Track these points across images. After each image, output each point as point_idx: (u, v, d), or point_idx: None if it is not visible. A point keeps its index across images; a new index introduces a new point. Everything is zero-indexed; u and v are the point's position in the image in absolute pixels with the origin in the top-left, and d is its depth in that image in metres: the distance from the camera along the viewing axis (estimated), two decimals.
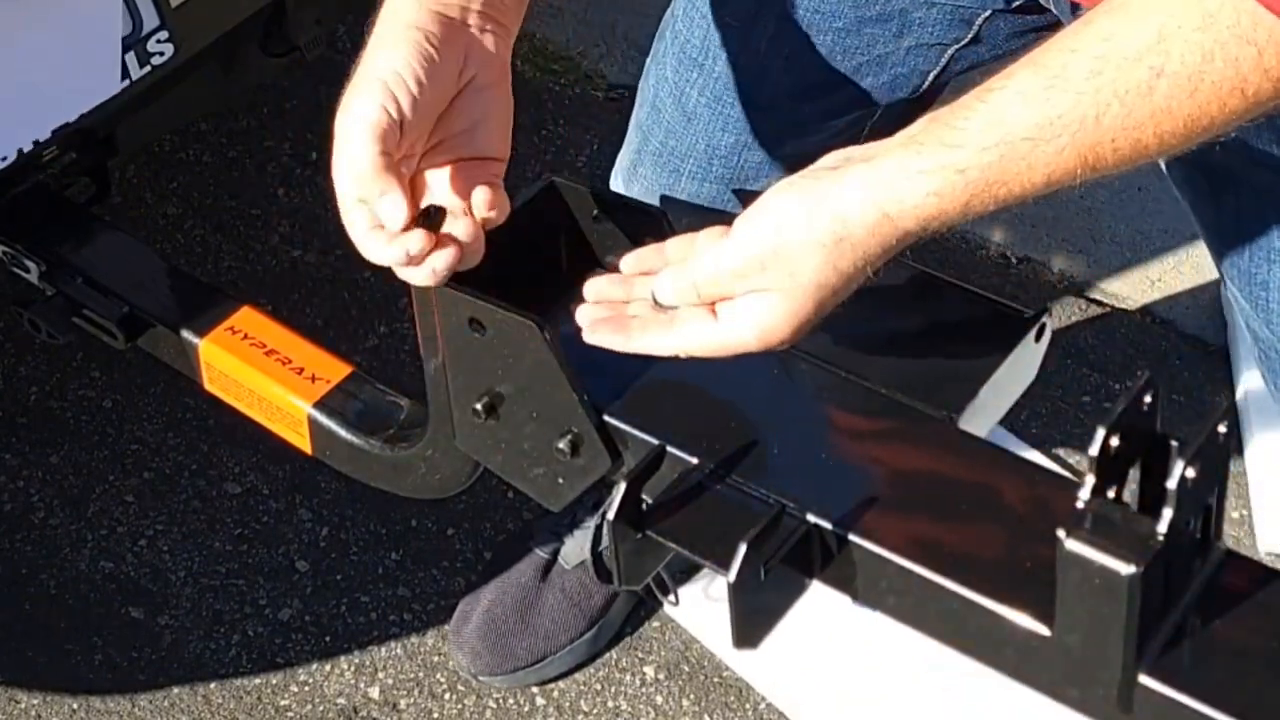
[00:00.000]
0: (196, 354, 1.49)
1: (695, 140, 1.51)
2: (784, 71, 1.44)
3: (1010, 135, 0.97)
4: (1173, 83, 0.93)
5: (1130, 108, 0.94)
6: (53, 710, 1.88)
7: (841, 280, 1.02)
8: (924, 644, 1.04)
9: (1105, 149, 0.96)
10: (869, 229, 1.00)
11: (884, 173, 0.99)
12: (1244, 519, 2.09)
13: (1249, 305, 1.38)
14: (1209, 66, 0.93)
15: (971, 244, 2.41)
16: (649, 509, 1.07)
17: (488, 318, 1.15)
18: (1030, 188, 1.00)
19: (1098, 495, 0.92)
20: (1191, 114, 0.94)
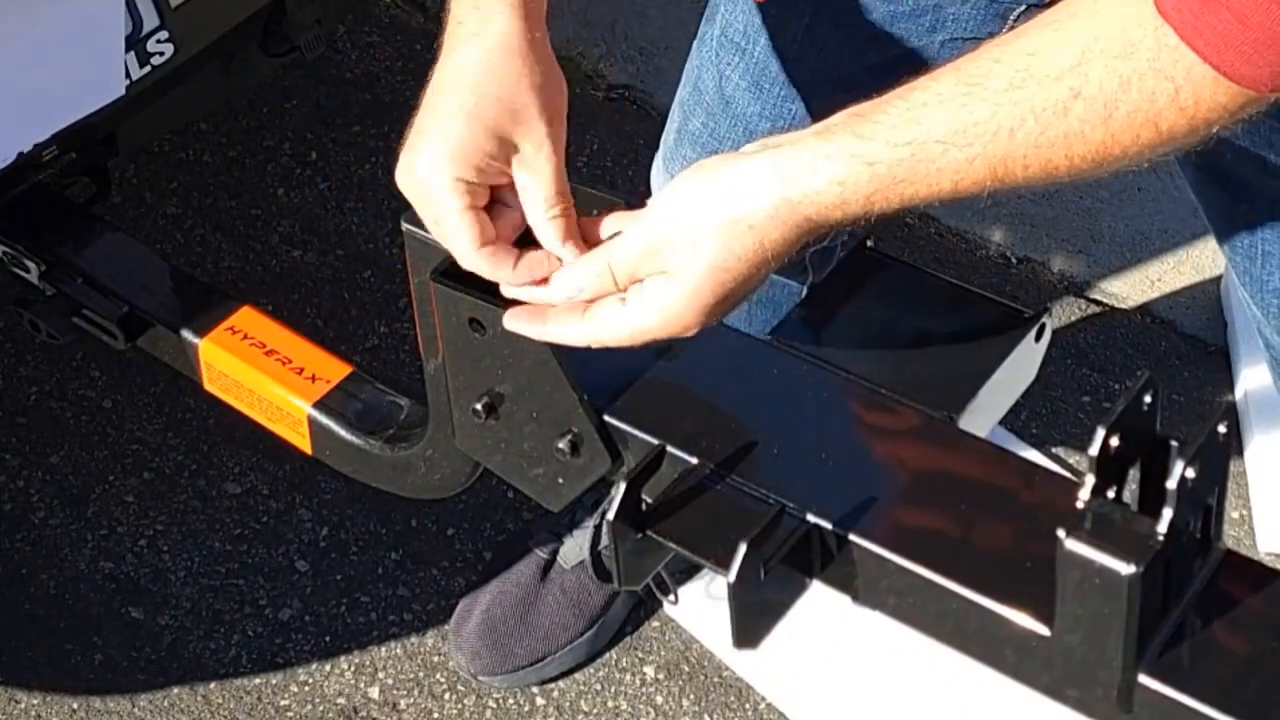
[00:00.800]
0: (196, 354, 1.49)
1: (734, 123, 1.51)
2: (818, 59, 1.44)
3: (924, 136, 0.97)
4: (1088, 106, 0.93)
5: (1044, 126, 0.95)
6: (53, 710, 1.88)
7: (741, 265, 1.01)
8: (924, 644, 1.04)
9: (1015, 164, 0.96)
10: (768, 213, 0.99)
11: (790, 158, 0.99)
12: (1244, 519, 2.09)
13: (1261, 313, 1.39)
14: (1125, 95, 0.93)
15: (971, 244, 2.41)
16: (649, 509, 1.07)
17: (488, 318, 1.15)
18: (936, 191, 0.98)
19: (1098, 495, 0.92)
20: (1104, 140, 0.95)
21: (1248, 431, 2.14)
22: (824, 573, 1.06)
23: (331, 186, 2.37)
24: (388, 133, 2.45)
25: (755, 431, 1.12)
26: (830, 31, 1.42)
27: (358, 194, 2.38)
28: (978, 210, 2.45)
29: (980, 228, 2.43)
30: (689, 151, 1.58)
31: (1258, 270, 1.35)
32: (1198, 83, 0.92)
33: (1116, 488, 0.94)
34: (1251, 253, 1.35)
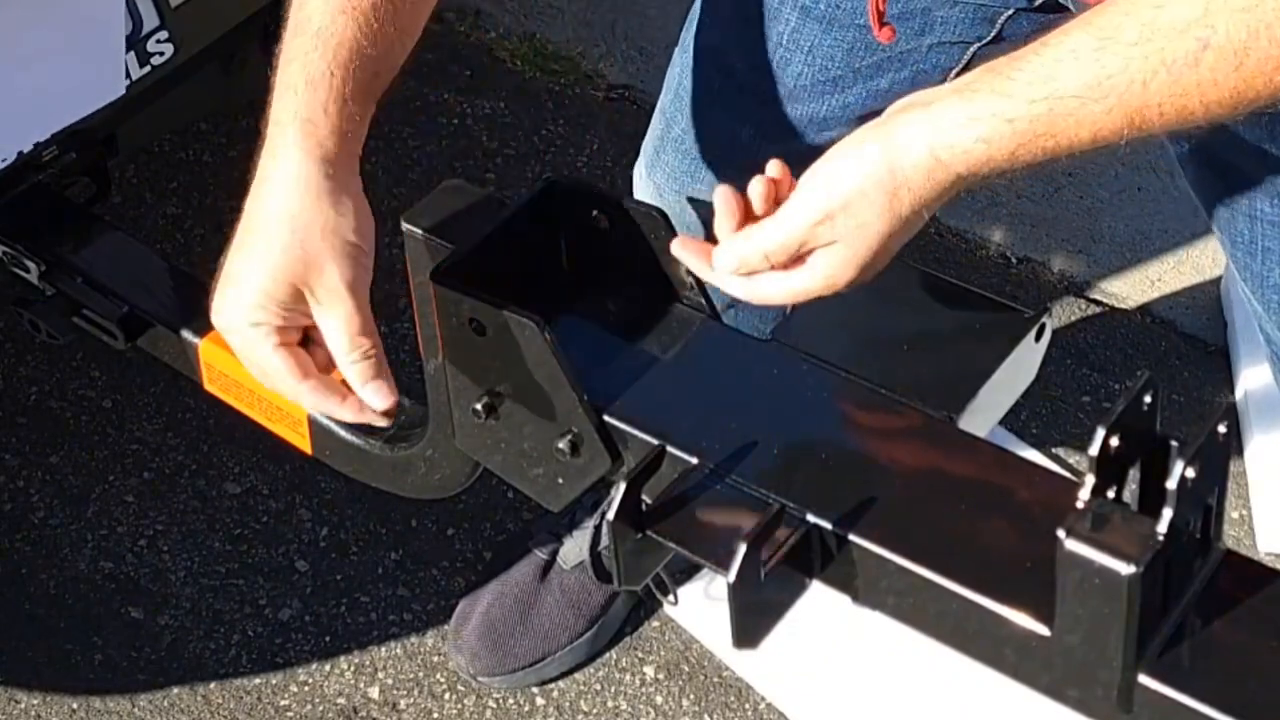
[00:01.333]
0: (196, 354, 1.49)
1: (716, 130, 1.51)
2: (804, 65, 1.44)
3: (1059, 91, 0.99)
4: (1218, 56, 0.95)
5: (1177, 76, 0.97)
6: (53, 710, 1.88)
7: (901, 225, 1.06)
8: (924, 644, 1.04)
9: (1152, 113, 0.99)
10: (924, 173, 1.03)
11: (937, 119, 1.02)
12: (1244, 519, 2.09)
13: (1262, 308, 1.39)
14: (1254, 44, 0.95)
15: (971, 244, 2.41)
16: (649, 509, 1.07)
17: (488, 318, 1.15)
18: (1077, 142, 1.01)
19: (1098, 495, 0.92)
20: (1237, 86, 0.97)
21: (1248, 431, 2.14)
22: (824, 573, 1.06)
23: None
24: (387, 133, 2.45)
25: (755, 431, 1.12)
26: (817, 35, 1.42)
27: None
28: (978, 210, 2.45)
29: (980, 228, 2.43)
30: (672, 158, 1.57)
31: (1258, 266, 1.36)
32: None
33: (1116, 488, 0.94)
34: (1252, 248, 1.36)
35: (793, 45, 1.43)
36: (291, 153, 1.11)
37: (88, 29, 1.61)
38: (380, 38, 1.14)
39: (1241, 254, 1.38)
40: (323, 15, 1.12)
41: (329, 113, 1.12)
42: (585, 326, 1.24)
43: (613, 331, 1.24)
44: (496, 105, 2.54)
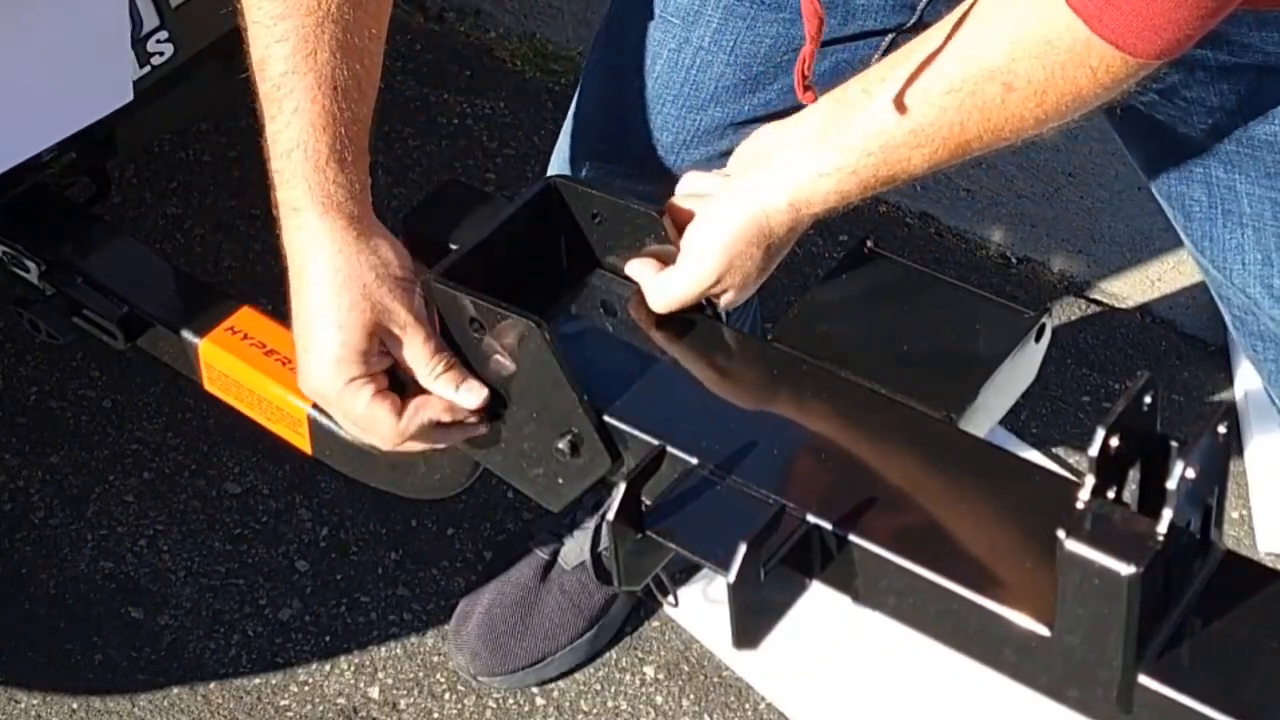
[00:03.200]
0: (196, 354, 1.49)
1: (632, 139, 1.51)
2: (727, 65, 1.44)
3: (889, 142, 1.15)
4: (1021, 96, 1.11)
5: (987, 115, 1.12)
6: (53, 710, 1.88)
7: (772, 266, 1.23)
8: (924, 644, 1.04)
9: (971, 144, 1.15)
10: (787, 225, 1.20)
11: (793, 176, 1.18)
12: (1244, 519, 2.09)
13: (1221, 275, 1.43)
14: (1050, 84, 1.10)
15: (971, 244, 2.41)
16: (649, 509, 1.07)
17: (488, 318, 1.15)
18: (914, 173, 1.17)
19: (1098, 495, 0.92)
20: (1039, 117, 1.12)
21: (1248, 431, 2.14)
22: (824, 573, 1.06)
23: None
24: (387, 132, 2.45)
25: (755, 431, 1.12)
26: (740, 33, 1.43)
27: None
28: (978, 210, 2.45)
29: (980, 228, 2.43)
30: (586, 170, 1.57)
31: (1218, 230, 1.40)
32: (1110, 63, 1.08)
33: (1116, 488, 0.94)
34: (1211, 213, 1.39)
35: (714, 47, 1.44)
36: (321, 230, 1.18)
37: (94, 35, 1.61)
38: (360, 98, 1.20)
39: (1199, 222, 1.41)
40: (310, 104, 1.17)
41: (341, 184, 1.18)
42: (585, 326, 1.24)
43: (613, 331, 1.24)
44: (496, 105, 2.54)
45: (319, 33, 1.16)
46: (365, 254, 1.18)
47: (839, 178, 1.17)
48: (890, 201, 2.46)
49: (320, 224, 1.18)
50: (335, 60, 1.17)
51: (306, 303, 1.19)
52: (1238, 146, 1.33)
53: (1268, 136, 1.31)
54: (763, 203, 1.19)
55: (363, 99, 1.19)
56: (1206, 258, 1.42)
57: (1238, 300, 1.43)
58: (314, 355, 1.19)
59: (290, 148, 1.17)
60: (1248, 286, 1.40)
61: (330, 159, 1.17)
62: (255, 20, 1.17)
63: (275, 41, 1.16)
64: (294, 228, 1.19)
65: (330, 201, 1.18)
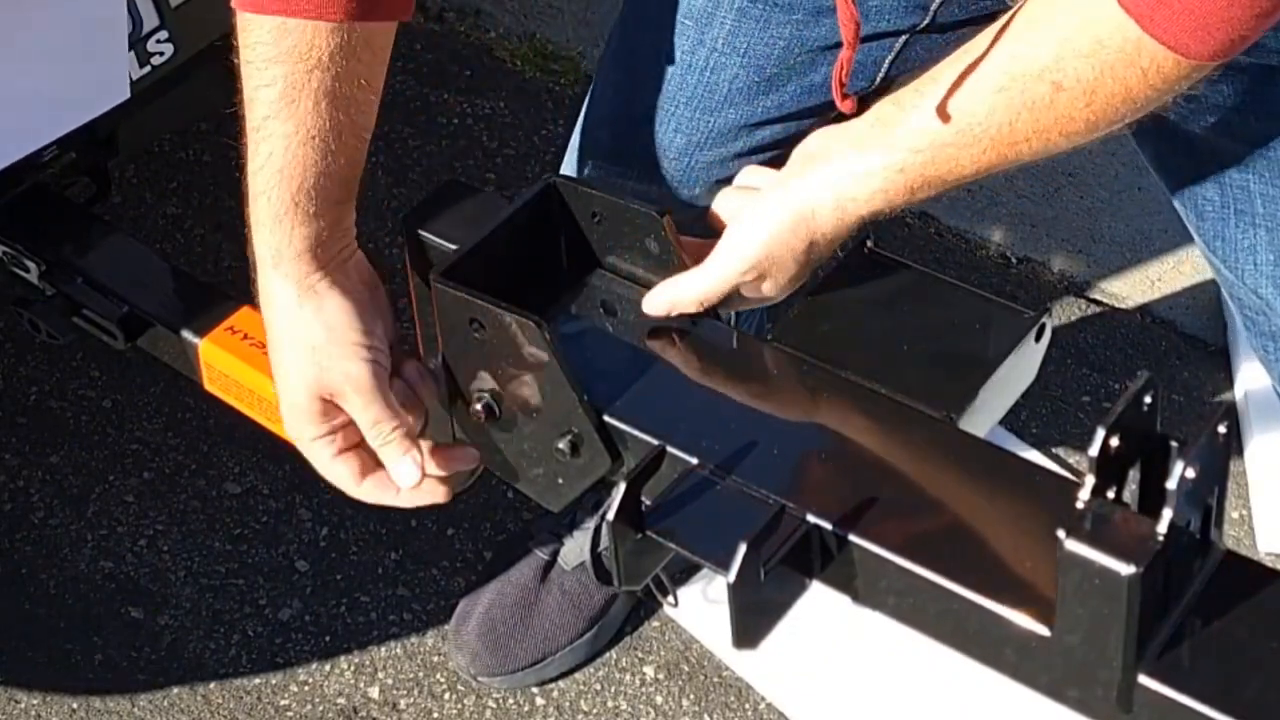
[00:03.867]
0: (196, 354, 1.49)
1: (644, 142, 1.51)
2: (740, 67, 1.44)
3: (937, 140, 1.13)
4: (1070, 96, 1.08)
5: (1036, 116, 1.10)
6: (53, 710, 1.88)
7: (817, 261, 1.21)
8: (924, 644, 1.04)
9: (1021, 147, 1.12)
10: (833, 222, 1.18)
11: (837, 174, 1.16)
12: (1244, 519, 2.09)
13: (1233, 275, 1.42)
14: (1101, 83, 1.07)
15: (971, 244, 2.41)
16: (649, 509, 1.07)
17: (488, 318, 1.15)
18: (963, 176, 1.15)
19: (1098, 495, 0.92)
20: (1089, 119, 1.10)
21: (1248, 431, 2.14)
22: (824, 573, 1.06)
23: None
24: (387, 133, 2.45)
25: (755, 431, 1.12)
26: (754, 35, 1.42)
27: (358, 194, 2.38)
28: (978, 210, 2.46)
29: (980, 228, 2.43)
30: (596, 174, 1.57)
31: (1230, 230, 1.39)
32: (1161, 63, 1.05)
33: (1116, 488, 0.94)
34: (1224, 213, 1.39)
35: (728, 49, 1.44)
36: (273, 286, 1.20)
37: (91, 33, 1.61)
38: (339, 148, 1.19)
39: (1211, 221, 1.40)
40: (283, 151, 1.17)
41: (294, 239, 1.19)
42: (585, 326, 1.24)
43: (613, 331, 1.24)
44: (496, 105, 2.54)
45: (307, 80, 1.15)
46: (310, 316, 1.19)
47: (886, 176, 1.15)
48: None
49: (271, 280, 1.20)
50: (319, 110, 1.16)
51: (271, 356, 1.23)
52: (1251, 146, 1.33)
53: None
54: (809, 200, 1.17)
55: (342, 149, 1.18)
56: (1219, 257, 1.42)
57: (1250, 301, 1.43)
58: (284, 409, 1.23)
59: (258, 193, 1.18)
60: (1260, 287, 1.40)
61: (291, 211, 1.18)
62: (248, 60, 1.17)
63: (263, 85, 1.16)
64: (258, 275, 1.21)
65: (280, 258, 1.19)
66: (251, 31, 1.16)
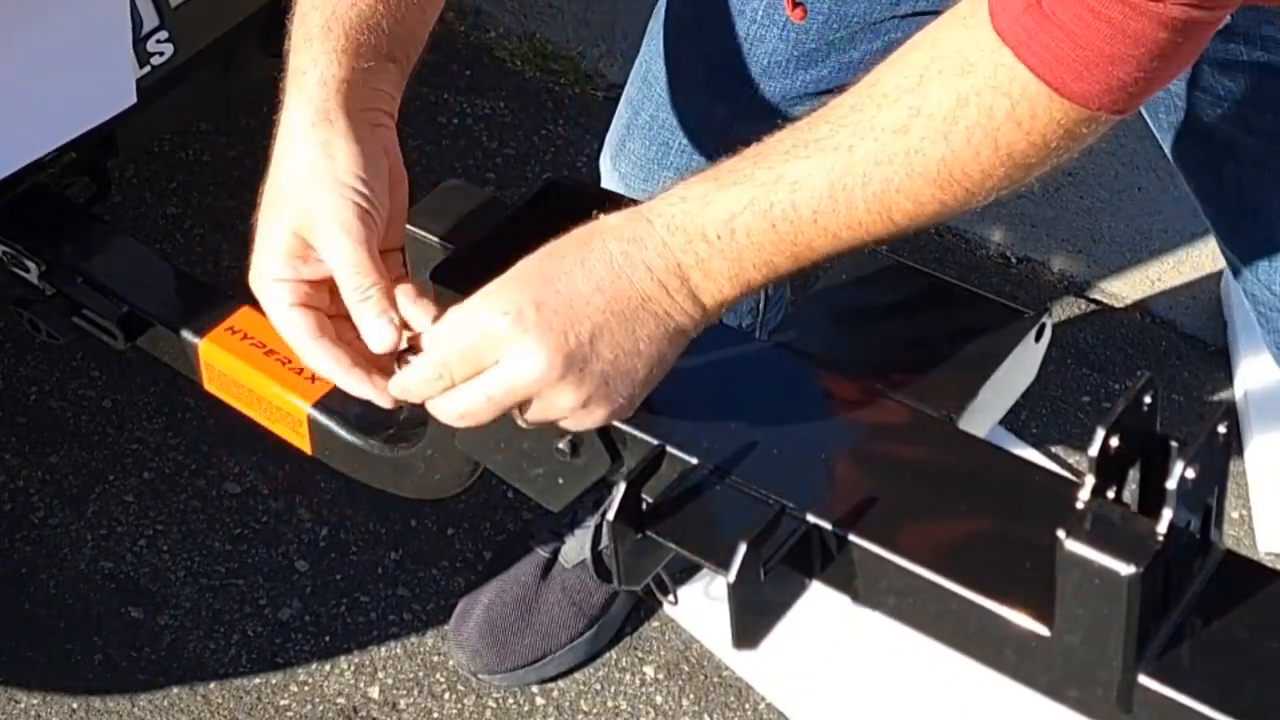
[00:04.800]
0: (196, 354, 1.49)
1: (687, 112, 1.51)
2: (779, 40, 1.44)
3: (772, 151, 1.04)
4: (927, 123, 0.97)
5: (884, 144, 0.98)
6: (53, 710, 1.88)
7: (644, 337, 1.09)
8: (924, 644, 1.04)
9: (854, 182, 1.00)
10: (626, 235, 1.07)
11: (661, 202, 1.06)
12: (1244, 519, 2.09)
13: (1248, 270, 1.41)
14: (963, 111, 0.96)
15: (971, 244, 2.41)
16: (649, 509, 1.07)
17: None
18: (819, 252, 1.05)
19: (1098, 495, 0.92)
20: (943, 157, 0.98)
21: (1248, 431, 2.14)
22: (824, 573, 1.06)
23: None
24: None
25: (755, 431, 1.12)
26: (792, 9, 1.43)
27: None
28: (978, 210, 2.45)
29: (980, 228, 2.43)
30: (638, 146, 1.58)
31: (1248, 224, 1.39)
32: (1033, 98, 0.95)
33: (1116, 488, 0.94)
34: (1240, 208, 1.39)
35: (767, 21, 1.44)
36: (289, 104, 1.12)
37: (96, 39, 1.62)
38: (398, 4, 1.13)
39: (1228, 217, 1.41)
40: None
41: (322, 64, 1.11)
42: None
43: None
44: (496, 105, 2.54)
45: None
46: (315, 145, 1.09)
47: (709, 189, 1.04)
48: None
49: (289, 99, 1.11)
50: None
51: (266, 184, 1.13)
52: (1270, 142, 1.33)
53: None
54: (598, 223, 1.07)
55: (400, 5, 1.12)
56: (1235, 253, 1.42)
57: (1264, 297, 1.43)
58: (254, 250, 1.12)
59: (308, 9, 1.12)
60: (1274, 283, 1.40)
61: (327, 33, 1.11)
62: None
63: None
64: (286, 97, 1.13)
65: (304, 79, 1.11)
66: None
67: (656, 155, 1.55)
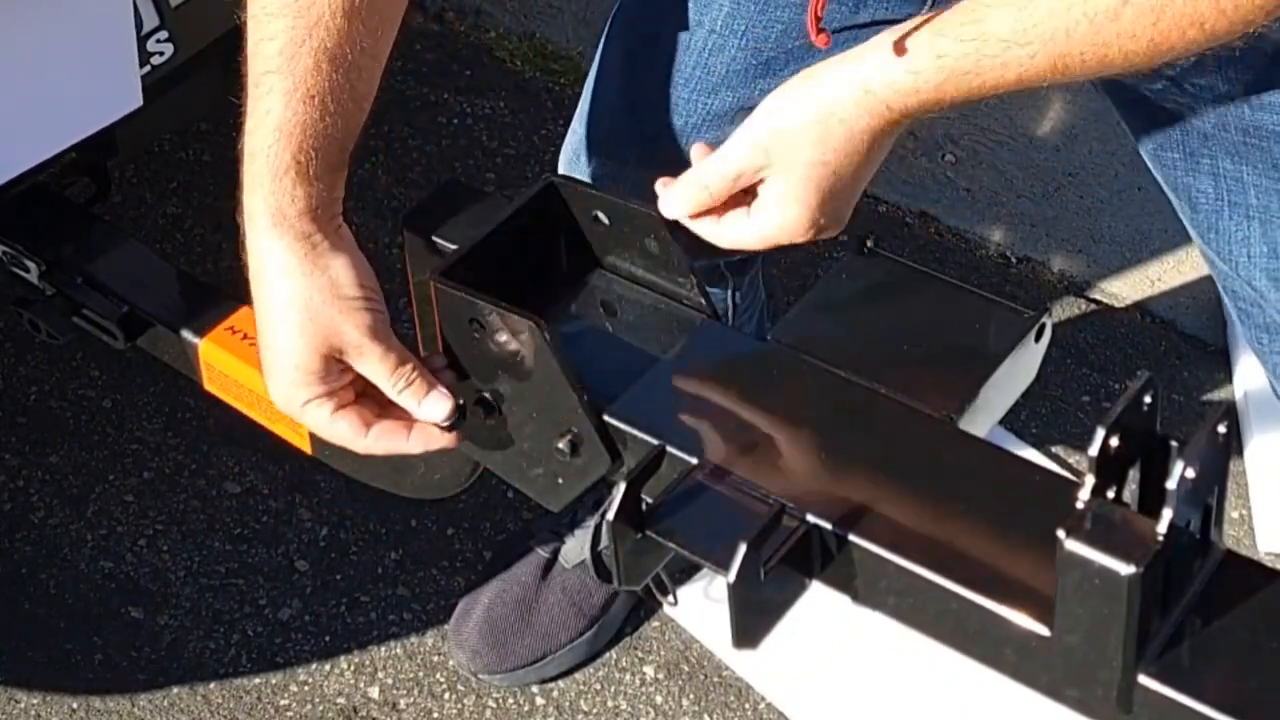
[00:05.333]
0: (196, 354, 1.49)
1: (643, 126, 1.51)
2: (739, 49, 1.44)
3: (988, 33, 1.05)
4: (1138, 11, 1.02)
5: (1098, 28, 1.03)
6: (53, 710, 1.88)
7: (838, 158, 1.13)
8: (924, 644, 1.04)
9: (1074, 59, 1.05)
10: (852, 103, 1.10)
11: (865, 58, 1.10)
12: (1244, 519, 2.09)
13: (1228, 267, 1.42)
14: (1171, 2, 1.01)
15: (971, 244, 2.41)
16: (649, 509, 1.07)
17: (487, 318, 1.15)
18: (1002, 83, 1.08)
19: (1098, 495, 0.92)
20: (1154, 39, 1.03)
21: (1248, 431, 2.14)
22: (824, 573, 1.06)
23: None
24: (387, 132, 2.45)
25: (755, 431, 1.12)
26: (752, 17, 1.42)
27: (357, 194, 2.38)
28: (978, 210, 2.46)
29: (980, 228, 2.43)
30: (594, 161, 1.57)
31: (1225, 222, 1.39)
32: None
33: (1116, 488, 0.94)
34: (1218, 205, 1.39)
35: (727, 30, 1.44)
36: (271, 245, 1.16)
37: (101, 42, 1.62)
38: (337, 111, 1.17)
39: (1205, 214, 1.40)
40: (283, 108, 1.15)
41: (296, 198, 1.16)
42: (585, 326, 1.24)
43: (613, 331, 1.24)
44: (496, 105, 2.54)
45: (309, 36, 1.14)
46: (314, 274, 1.16)
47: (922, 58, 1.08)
48: (890, 201, 2.46)
49: (269, 238, 1.16)
50: (320, 69, 1.15)
51: (262, 320, 1.18)
52: (1245, 137, 1.33)
53: (1275, 126, 1.31)
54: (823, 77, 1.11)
55: (341, 112, 1.16)
56: (1213, 249, 1.42)
57: (1244, 293, 1.43)
58: (273, 375, 1.19)
59: (256, 149, 1.15)
60: (1254, 279, 1.40)
61: (291, 169, 1.15)
62: (253, 13, 1.16)
63: (266, 38, 1.15)
64: (251, 237, 1.17)
65: (281, 216, 1.16)
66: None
67: (612, 171, 1.55)
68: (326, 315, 1.16)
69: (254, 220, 1.17)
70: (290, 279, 1.16)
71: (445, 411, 1.19)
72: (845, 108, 1.11)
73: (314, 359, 1.17)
